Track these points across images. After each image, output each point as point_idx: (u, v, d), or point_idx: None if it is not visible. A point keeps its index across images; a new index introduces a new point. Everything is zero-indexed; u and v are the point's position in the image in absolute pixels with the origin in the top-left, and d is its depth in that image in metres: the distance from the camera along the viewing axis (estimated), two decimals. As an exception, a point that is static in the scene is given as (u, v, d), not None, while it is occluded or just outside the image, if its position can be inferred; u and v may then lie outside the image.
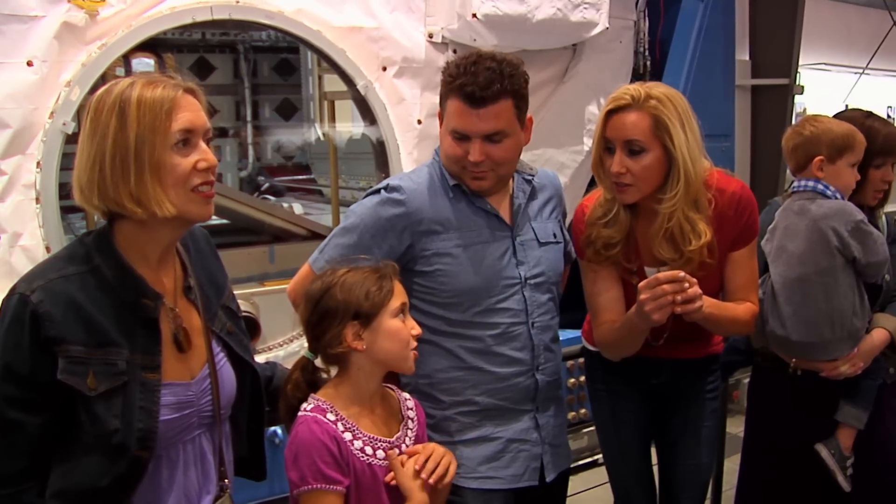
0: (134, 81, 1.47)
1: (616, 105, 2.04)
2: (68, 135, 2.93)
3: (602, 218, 2.13)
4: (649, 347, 2.22)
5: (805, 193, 2.43)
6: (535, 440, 2.10)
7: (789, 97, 5.31)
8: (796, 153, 2.45)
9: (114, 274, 1.46)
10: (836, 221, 2.33)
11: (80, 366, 1.40)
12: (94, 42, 2.99)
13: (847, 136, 2.39)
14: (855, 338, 2.39)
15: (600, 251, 2.14)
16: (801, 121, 2.51)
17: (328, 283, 1.69)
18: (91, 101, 1.49)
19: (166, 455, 1.51)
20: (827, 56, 6.92)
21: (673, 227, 2.04)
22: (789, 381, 2.50)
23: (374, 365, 1.71)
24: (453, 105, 1.97)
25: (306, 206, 5.74)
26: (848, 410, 2.47)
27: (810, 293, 2.36)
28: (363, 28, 3.60)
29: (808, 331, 2.38)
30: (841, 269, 2.34)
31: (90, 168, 1.44)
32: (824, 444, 2.47)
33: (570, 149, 4.26)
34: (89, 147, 1.44)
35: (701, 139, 2.05)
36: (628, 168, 2.02)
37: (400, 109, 3.73)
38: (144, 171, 1.43)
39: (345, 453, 1.62)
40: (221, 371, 1.61)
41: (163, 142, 1.44)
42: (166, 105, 1.44)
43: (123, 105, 1.43)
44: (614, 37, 4.26)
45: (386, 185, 2.07)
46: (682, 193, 2.01)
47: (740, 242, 2.16)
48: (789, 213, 2.44)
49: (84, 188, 1.46)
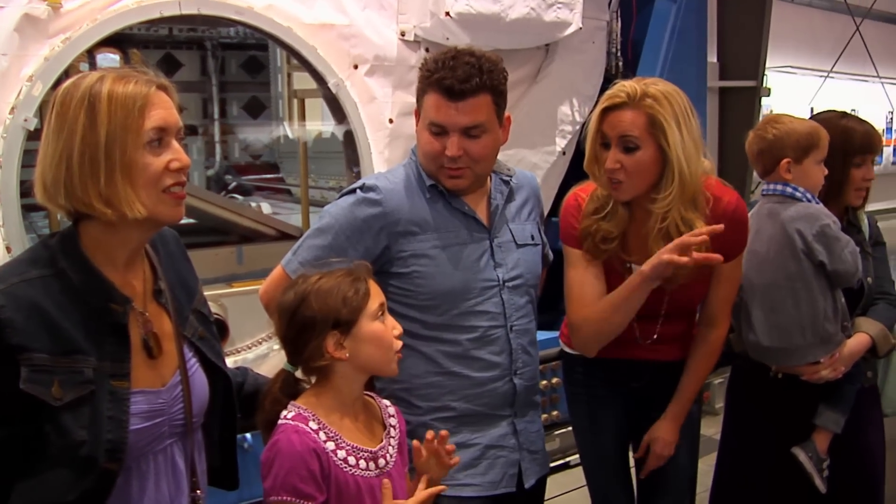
0: (103, 75, 1.40)
1: (612, 103, 2.01)
2: (30, 131, 2.84)
3: (599, 212, 2.11)
4: (632, 349, 2.21)
5: (774, 197, 2.42)
6: (513, 446, 2.07)
7: (756, 99, 5.36)
8: (762, 157, 2.43)
9: (79, 278, 1.40)
10: (801, 224, 2.32)
11: (44, 374, 1.33)
12: (57, 35, 2.90)
13: (811, 134, 2.37)
14: (828, 342, 2.38)
15: (599, 244, 2.11)
16: (762, 124, 2.47)
17: (301, 292, 1.62)
18: (56, 94, 1.42)
19: (136, 467, 1.44)
20: (793, 59, 7.01)
21: (668, 227, 2.02)
22: (769, 383, 2.49)
23: (355, 371, 1.66)
24: (431, 99, 1.93)
25: (274, 205, 5.66)
26: (827, 415, 2.46)
27: (779, 298, 2.36)
28: (334, 25, 3.55)
29: (779, 336, 2.37)
30: (811, 273, 2.33)
31: (56, 166, 1.37)
32: (801, 448, 2.47)
33: (542, 149, 4.25)
34: (55, 144, 1.38)
35: (700, 138, 2.03)
36: (622, 163, 2.00)
37: (371, 108, 3.69)
38: (115, 171, 1.37)
39: (325, 466, 1.56)
40: (193, 377, 1.55)
41: (135, 140, 1.38)
42: (139, 102, 1.38)
43: (93, 100, 1.37)
44: (587, 37, 4.25)
45: (362, 185, 2.03)
46: (677, 193, 1.98)
47: (729, 255, 2.13)
48: (760, 216, 2.43)
49: (49, 187, 1.39)
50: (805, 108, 7.56)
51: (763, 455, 2.56)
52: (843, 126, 2.49)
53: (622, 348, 2.24)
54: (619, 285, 2.08)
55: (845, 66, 6.57)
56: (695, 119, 2.02)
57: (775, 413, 2.52)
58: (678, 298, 2.16)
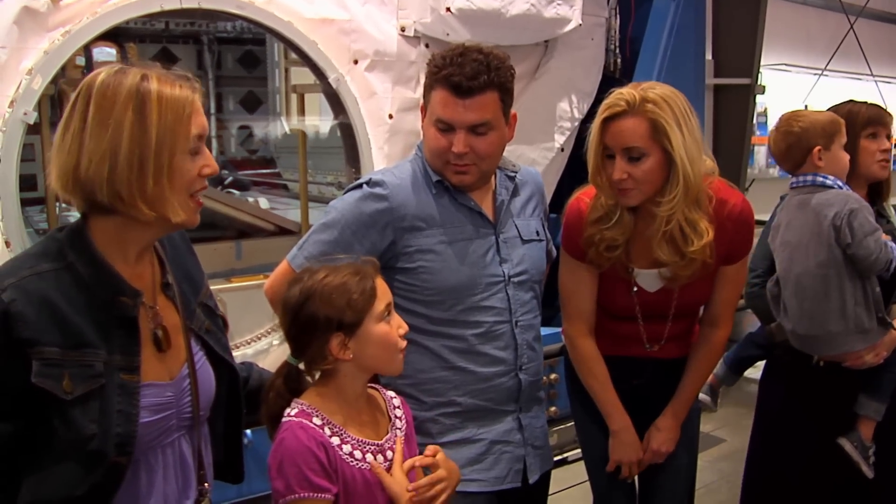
0: (146, 74, 1.38)
1: (612, 112, 1.98)
2: (29, 125, 2.82)
3: (604, 220, 2.09)
4: (634, 347, 2.21)
5: (804, 189, 2.47)
6: (518, 441, 2.07)
7: (751, 97, 5.38)
8: (792, 152, 2.49)
9: (89, 271, 1.38)
10: (830, 208, 2.38)
11: (54, 368, 1.32)
12: (56, 29, 2.88)
13: (833, 120, 2.48)
14: (864, 331, 2.41)
15: (603, 253, 2.10)
16: (782, 122, 2.54)
17: (306, 290, 1.59)
18: (89, 87, 1.37)
19: (145, 460, 1.43)
20: (787, 57, 7.04)
21: (672, 230, 2.01)
22: (809, 373, 2.52)
23: (360, 370, 1.65)
24: (438, 95, 1.93)
25: (272, 200, 5.63)
26: (867, 403, 2.51)
27: (811, 286, 2.41)
28: (335, 20, 3.54)
29: (810, 324, 2.42)
30: (841, 259, 2.37)
31: (98, 162, 1.34)
32: (847, 438, 2.51)
33: (541, 146, 4.25)
34: (97, 138, 1.34)
35: (701, 137, 2.02)
36: (630, 174, 1.98)
37: (371, 104, 3.68)
38: (163, 175, 1.36)
39: (333, 459, 1.55)
40: (200, 371, 1.55)
41: (182, 145, 1.37)
42: (187, 108, 1.37)
43: (143, 99, 1.34)
44: (586, 34, 4.25)
45: (368, 180, 2.02)
46: (681, 195, 1.97)
47: (734, 257, 2.14)
48: (789, 208, 2.49)
49: (83, 180, 1.35)
50: (799, 105, 7.60)
51: (802, 447, 2.57)
52: (849, 108, 2.60)
53: (625, 347, 2.25)
54: (624, 292, 2.12)
55: (839, 65, 6.60)
56: (694, 119, 2.01)
57: (815, 403, 2.54)
58: (686, 301, 2.17)
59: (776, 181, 7.33)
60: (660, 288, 2.15)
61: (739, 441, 4.40)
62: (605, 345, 2.26)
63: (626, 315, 2.20)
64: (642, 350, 2.24)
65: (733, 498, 3.95)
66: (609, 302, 2.22)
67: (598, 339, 2.26)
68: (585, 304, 2.22)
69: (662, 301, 2.14)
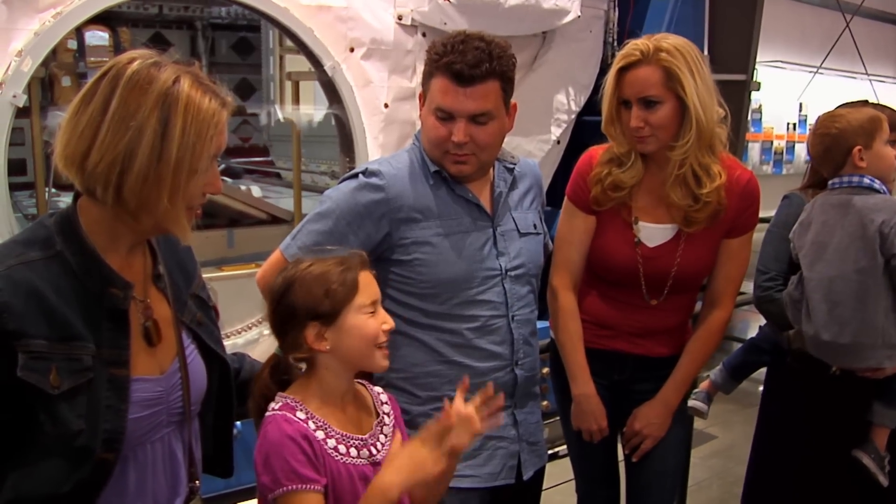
0: (179, 75, 1.32)
1: (627, 62, 2.05)
2: (19, 108, 2.78)
3: (615, 162, 2.13)
4: (617, 339, 2.23)
5: (845, 189, 2.36)
6: (513, 437, 2.05)
7: (746, 93, 5.36)
8: (831, 154, 2.38)
9: (77, 260, 1.34)
10: (880, 214, 2.26)
11: (41, 362, 1.27)
12: (47, 10, 2.84)
13: (872, 118, 2.37)
14: (892, 346, 2.30)
15: (607, 191, 2.14)
16: (819, 124, 2.43)
17: (289, 278, 1.58)
18: (121, 73, 1.30)
19: (133, 456, 1.39)
20: (782, 54, 7.03)
21: (685, 173, 2.06)
22: (823, 382, 2.42)
23: (340, 364, 1.61)
24: (439, 83, 1.89)
25: (264, 188, 5.58)
26: (882, 412, 2.42)
27: (846, 292, 2.29)
28: (332, 7, 3.51)
29: (840, 331, 2.30)
30: (882, 269, 2.26)
31: (111, 161, 1.28)
32: (862, 450, 2.42)
33: (537, 137, 4.23)
34: (115, 133, 1.28)
35: (713, 85, 2.06)
36: (646, 121, 2.04)
37: (366, 92, 3.65)
38: (178, 194, 1.31)
39: (318, 452, 1.52)
40: (192, 364, 1.50)
41: (198, 165, 1.33)
42: (211, 130, 1.32)
43: (170, 103, 1.29)
44: (585, 26, 4.23)
45: (364, 170, 1.98)
46: (694, 140, 2.03)
47: (738, 229, 2.15)
48: (827, 207, 2.37)
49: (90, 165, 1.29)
50: (794, 103, 7.61)
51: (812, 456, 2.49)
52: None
53: (609, 339, 2.24)
54: (624, 240, 2.15)
55: (834, 63, 6.61)
56: (706, 67, 2.06)
57: (827, 412, 2.45)
58: (687, 264, 2.15)
59: (770, 178, 7.34)
60: (662, 243, 2.14)
61: (730, 438, 4.40)
62: (590, 335, 2.25)
63: (626, 275, 2.18)
64: (626, 344, 2.24)
65: (724, 494, 3.97)
66: (609, 257, 2.20)
67: (584, 329, 2.25)
68: (575, 254, 2.23)
69: (664, 259, 2.14)
